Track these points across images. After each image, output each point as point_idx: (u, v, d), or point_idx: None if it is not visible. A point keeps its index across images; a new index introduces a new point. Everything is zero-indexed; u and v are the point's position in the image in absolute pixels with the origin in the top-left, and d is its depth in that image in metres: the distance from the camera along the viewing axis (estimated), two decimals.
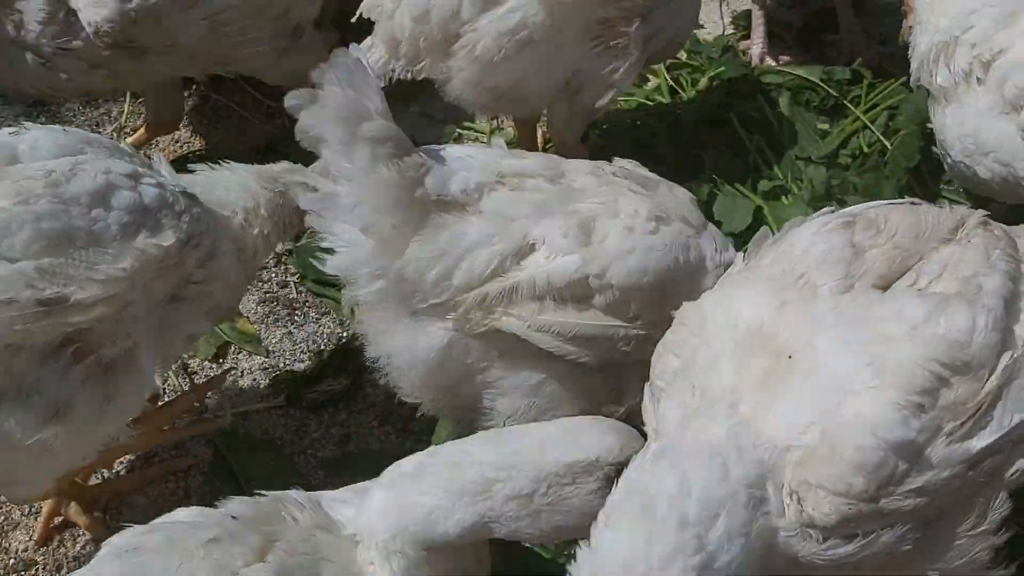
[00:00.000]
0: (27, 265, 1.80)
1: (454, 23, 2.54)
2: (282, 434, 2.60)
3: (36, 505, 2.40)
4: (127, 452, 2.47)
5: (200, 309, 2.12)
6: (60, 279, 1.82)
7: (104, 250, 1.89)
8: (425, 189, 1.93)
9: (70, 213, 1.87)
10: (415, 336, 2.03)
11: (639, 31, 2.60)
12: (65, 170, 1.92)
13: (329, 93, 1.88)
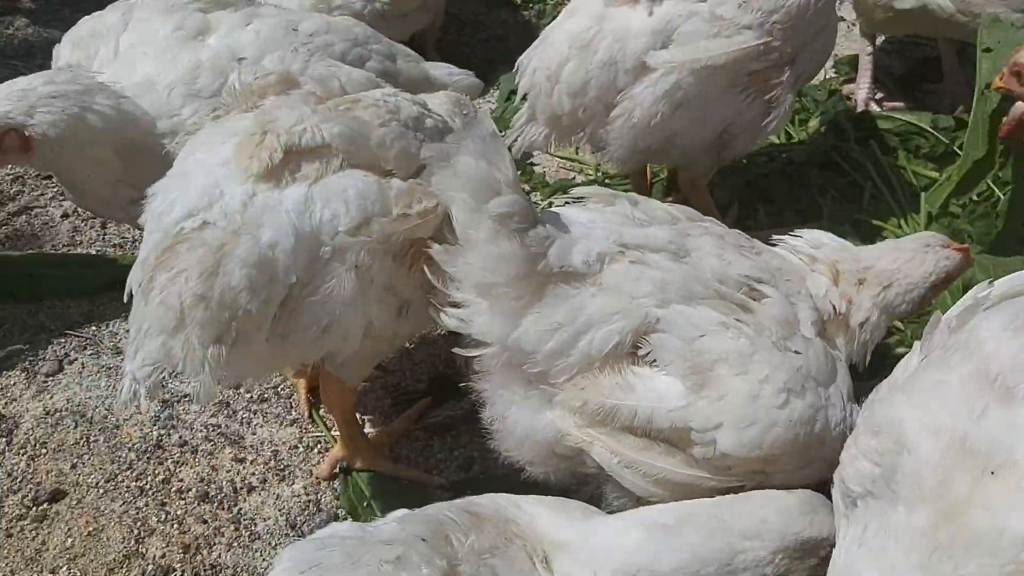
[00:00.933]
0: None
1: (611, 93, 2.64)
2: (408, 454, 2.65)
3: (172, 512, 2.46)
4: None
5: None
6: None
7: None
8: (548, 262, 1.95)
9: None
10: (534, 414, 2.05)
11: (790, 77, 2.65)
12: None
13: (464, 163, 1.94)
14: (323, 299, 2.00)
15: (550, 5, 4.46)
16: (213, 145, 2.10)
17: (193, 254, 1.91)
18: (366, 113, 2.11)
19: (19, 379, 2.79)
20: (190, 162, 2.09)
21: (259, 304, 1.93)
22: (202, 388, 1.92)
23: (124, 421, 2.69)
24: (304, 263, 1.97)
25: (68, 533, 2.43)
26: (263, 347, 1.99)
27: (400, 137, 2.10)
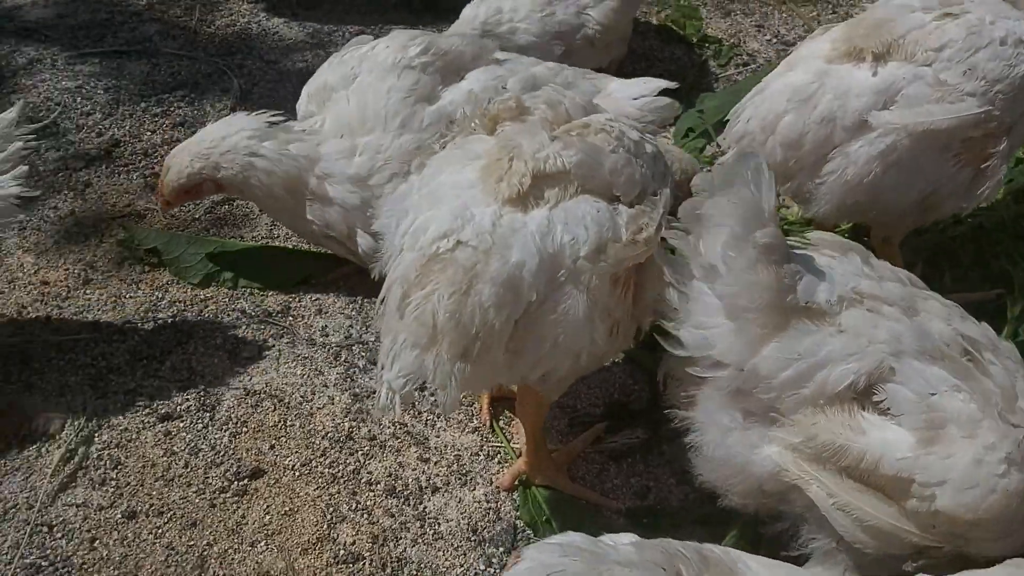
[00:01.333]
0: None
1: (825, 148, 2.70)
2: (584, 475, 2.72)
3: (362, 503, 2.59)
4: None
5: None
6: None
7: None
8: (796, 296, 2.05)
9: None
10: (751, 446, 2.10)
11: (1005, 147, 2.65)
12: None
13: (738, 192, 2.04)
14: (557, 318, 2.10)
15: (726, 47, 4.50)
16: (458, 167, 2.23)
17: (445, 274, 2.03)
18: (598, 139, 2.22)
19: (222, 359, 2.98)
20: (438, 183, 2.22)
21: (503, 321, 2.04)
22: (448, 400, 2.04)
23: (317, 410, 2.84)
24: (544, 283, 2.07)
25: (266, 510, 2.58)
26: (499, 362, 2.10)
27: (628, 164, 2.21)
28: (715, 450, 2.15)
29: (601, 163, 2.17)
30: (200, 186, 3.01)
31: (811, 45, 2.85)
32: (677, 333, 2.18)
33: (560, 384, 2.39)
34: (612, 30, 3.77)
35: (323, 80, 3.19)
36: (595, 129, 2.25)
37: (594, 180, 2.17)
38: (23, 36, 4.37)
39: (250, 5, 4.68)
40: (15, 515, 2.54)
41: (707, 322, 2.12)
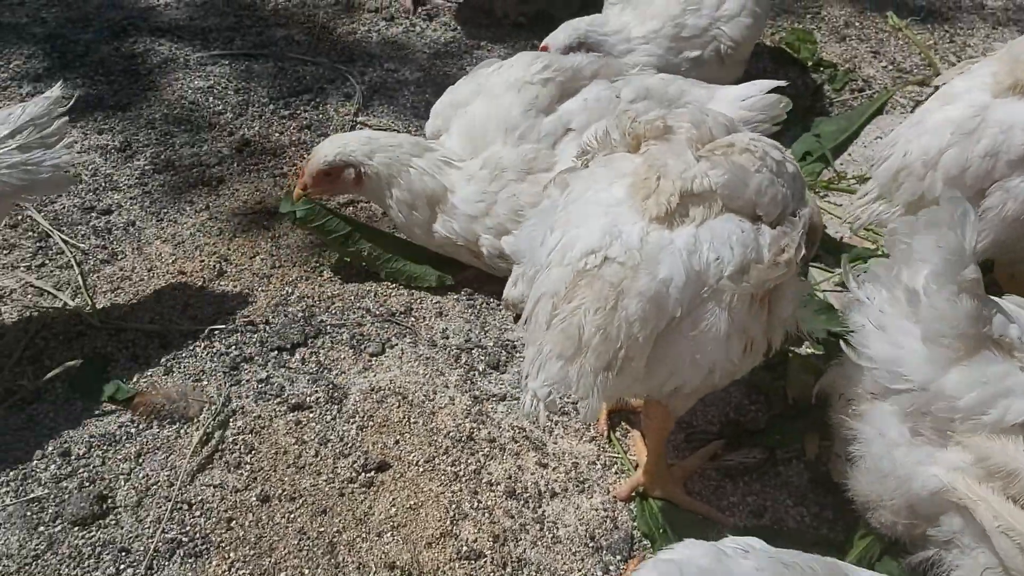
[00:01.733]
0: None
1: (985, 183, 2.72)
2: (700, 491, 2.75)
3: (483, 502, 2.66)
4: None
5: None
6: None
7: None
8: (991, 328, 2.12)
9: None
10: (917, 463, 2.15)
11: None
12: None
13: (945, 236, 2.11)
14: (698, 335, 2.15)
15: (841, 71, 4.50)
16: (606, 184, 2.29)
17: (593, 288, 2.10)
18: (743, 159, 2.26)
19: (348, 354, 3.09)
20: (586, 200, 2.28)
21: (647, 335, 2.09)
22: (588, 410, 2.10)
23: (439, 409, 2.92)
24: (688, 300, 2.12)
25: (392, 503, 2.67)
26: (639, 374, 2.16)
27: (772, 184, 2.25)
28: (878, 462, 2.21)
29: (746, 183, 2.22)
30: (342, 172, 3.16)
31: (967, 79, 2.85)
32: (864, 348, 2.25)
33: (689, 399, 2.43)
34: (744, 47, 3.81)
35: (449, 99, 3.39)
36: (739, 149, 2.28)
37: (739, 200, 2.22)
38: (157, 36, 4.58)
39: (371, 15, 4.83)
40: (157, 492, 2.67)
41: (901, 341, 2.19)
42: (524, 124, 3.16)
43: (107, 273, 3.34)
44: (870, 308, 2.25)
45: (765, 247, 2.20)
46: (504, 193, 3.12)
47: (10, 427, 2.81)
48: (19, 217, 3.54)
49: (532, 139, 3.15)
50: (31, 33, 4.54)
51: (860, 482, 2.28)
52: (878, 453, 2.21)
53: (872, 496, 2.26)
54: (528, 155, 3.13)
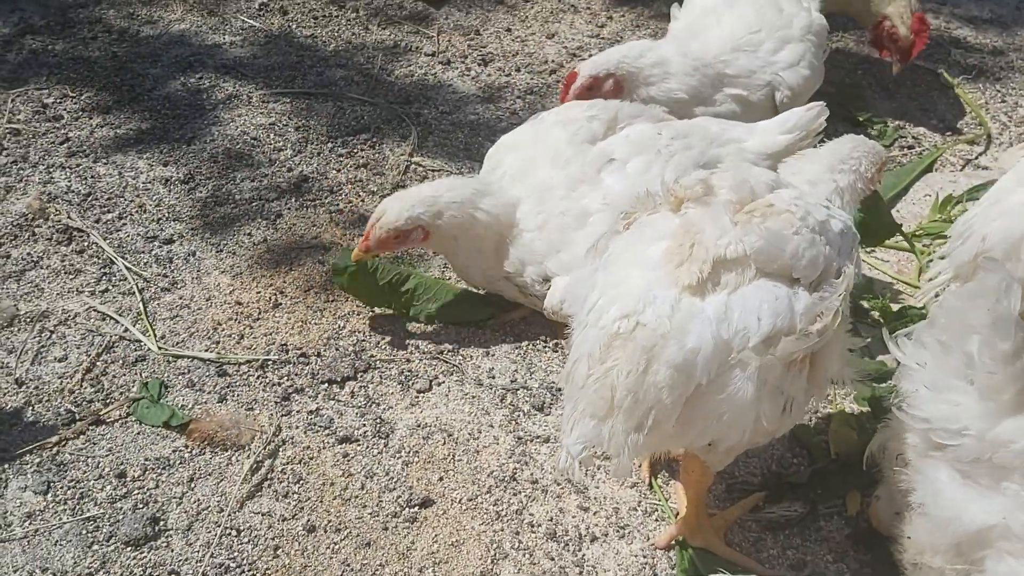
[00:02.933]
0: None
1: None
2: (740, 543, 2.76)
3: (524, 543, 2.69)
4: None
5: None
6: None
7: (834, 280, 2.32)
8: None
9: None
10: (966, 503, 2.16)
11: None
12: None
13: (997, 303, 2.11)
14: (725, 398, 2.19)
15: (890, 128, 4.53)
16: (643, 246, 2.34)
17: (625, 351, 2.16)
18: (780, 222, 2.27)
19: (396, 390, 3.16)
20: (624, 261, 2.34)
21: (675, 399, 2.15)
22: (619, 467, 2.19)
23: (483, 448, 2.97)
24: (715, 367, 2.17)
25: (435, 539, 2.71)
26: (668, 433, 2.22)
27: (811, 246, 2.27)
28: (932, 509, 2.22)
29: (782, 248, 2.24)
30: (410, 233, 3.19)
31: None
32: (918, 411, 2.26)
33: (726, 456, 2.46)
34: (801, 97, 3.86)
35: (501, 143, 3.53)
36: (779, 210, 2.29)
37: (774, 264, 2.24)
38: (222, 73, 4.75)
39: (428, 58, 4.97)
40: (207, 517, 2.74)
41: (955, 399, 2.20)
42: (570, 151, 3.31)
43: (167, 301, 3.45)
44: (922, 373, 2.27)
45: (799, 314, 2.21)
46: (554, 211, 3.22)
47: (69, 447, 2.92)
48: (85, 244, 3.68)
49: (578, 164, 3.27)
50: (103, 67, 4.73)
51: (916, 530, 2.29)
52: (932, 501, 2.23)
53: (925, 542, 2.26)
54: (575, 175, 3.25)
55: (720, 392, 2.19)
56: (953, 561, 2.23)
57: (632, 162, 3.24)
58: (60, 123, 4.35)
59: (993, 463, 2.14)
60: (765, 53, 3.83)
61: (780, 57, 3.84)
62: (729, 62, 3.80)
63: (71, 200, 3.89)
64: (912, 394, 2.28)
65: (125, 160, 4.13)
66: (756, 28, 3.85)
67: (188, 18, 5.18)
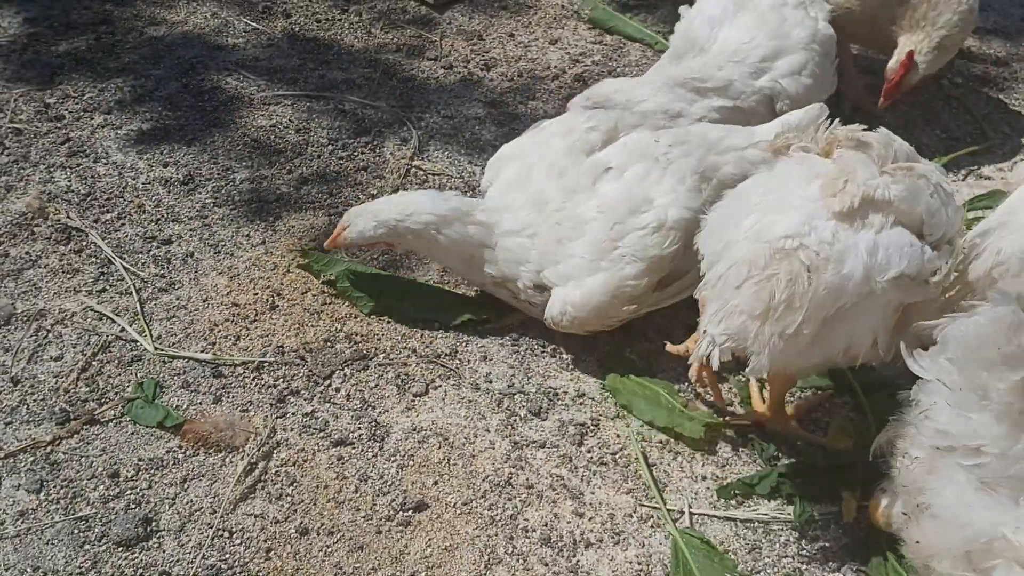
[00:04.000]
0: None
1: None
2: (737, 548, 2.74)
3: (518, 548, 2.68)
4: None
5: None
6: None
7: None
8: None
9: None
10: (981, 510, 2.15)
11: None
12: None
13: (1007, 350, 2.12)
14: (856, 320, 2.52)
15: None
16: (804, 182, 2.65)
17: (788, 265, 2.47)
18: (920, 182, 2.59)
19: (392, 393, 3.14)
20: (787, 191, 2.66)
21: (821, 314, 2.47)
22: (758, 365, 2.50)
23: (479, 452, 2.96)
24: (858, 293, 2.49)
25: (428, 543, 2.69)
26: (803, 347, 2.51)
27: (940, 209, 2.60)
28: (945, 511, 2.21)
29: (919, 202, 2.56)
30: (374, 245, 3.39)
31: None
32: (936, 423, 2.26)
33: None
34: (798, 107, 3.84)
35: (501, 152, 3.55)
36: (919, 172, 2.61)
37: (910, 216, 2.56)
38: (225, 74, 4.75)
39: (430, 62, 4.96)
40: (199, 518, 2.73)
41: (974, 416, 2.20)
42: (567, 161, 3.33)
43: (164, 301, 3.45)
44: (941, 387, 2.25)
45: (924, 265, 2.53)
46: (548, 221, 3.23)
47: (63, 446, 2.90)
48: (83, 243, 3.68)
49: (572, 175, 3.29)
50: (105, 67, 4.73)
51: (925, 533, 2.28)
52: (944, 504, 2.22)
53: (935, 545, 2.25)
54: (569, 186, 3.27)
55: (856, 318, 2.51)
56: (963, 568, 2.20)
57: (630, 170, 3.25)
58: (62, 123, 4.35)
59: (1011, 476, 2.12)
60: (755, 59, 3.82)
61: (779, 65, 3.83)
62: (706, 77, 3.78)
63: (71, 200, 3.89)
64: (932, 407, 2.28)
65: (125, 160, 4.13)
66: (751, 37, 3.84)
67: (191, 20, 5.18)
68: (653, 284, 3.16)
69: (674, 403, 3.07)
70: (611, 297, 3.11)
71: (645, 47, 5.11)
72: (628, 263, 3.11)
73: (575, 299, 3.11)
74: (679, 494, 2.88)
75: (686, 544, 2.70)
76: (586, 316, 3.12)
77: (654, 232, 3.11)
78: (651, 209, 3.14)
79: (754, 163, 3.31)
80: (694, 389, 3.17)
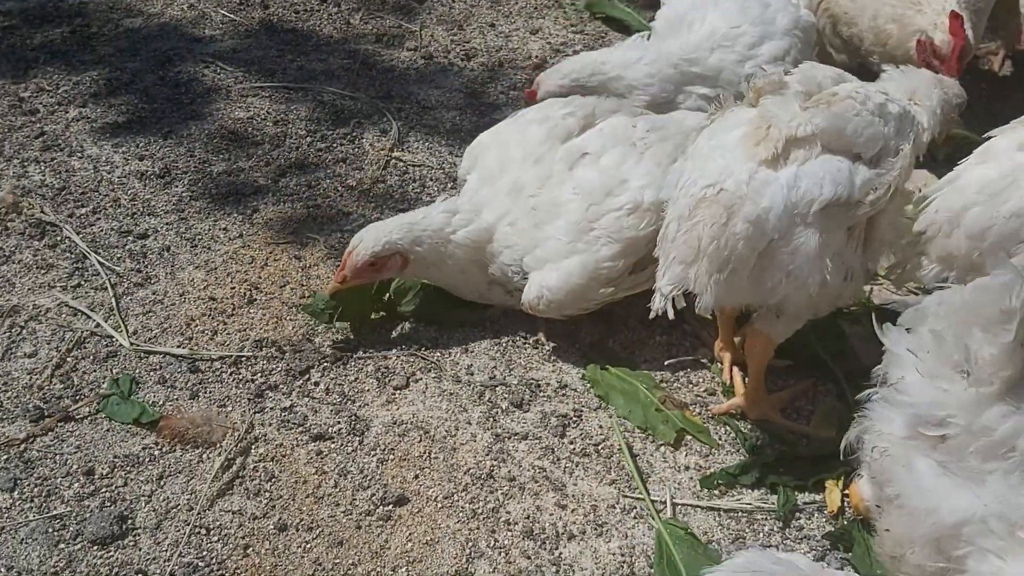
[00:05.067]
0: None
1: (1010, 243, 2.70)
2: (720, 538, 2.72)
3: (500, 541, 2.65)
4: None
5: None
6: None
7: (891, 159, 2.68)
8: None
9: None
10: (944, 495, 2.13)
11: None
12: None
13: (1007, 308, 2.09)
14: (791, 251, 2.59)
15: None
16: (725, 132, 2.73)
17: (710, 210, 2.57)
18: (843, 106, 2.64)
19: (372, 387, 3.10)
20: (709, 146, 2.75)
21: (749, 250, 2.55)
22: (702, 303, 2.59)
23: (460, 445, 2.92)
24: (784, 225, 2.57)
25: (409, 538, 2.66)
26: (743, 282, 2.61)
27: (869, 125, 2.64)
28: (910, 500, 2.19)
29: (844, 127, 2.62)
30: (388, 260, 3.14)
31: (1008, 136, 2.84)
32: (905, 396, 2.25)
33: (785, 325, 2.82)
34: None
35: (479, 140, 3.51)
36: (842, 97, 2.66)
37: (838, 142, 2.62)
38: (202, 66, 4.69)
39: (410, 52, 4.91)
40: (176, 515, 2.69)
41: (946, 387, 2.19)
42: (544, 148, 3.32)
43: (140, 296, 3.39)
44: (912, 360, 2.24)
45: (857, 186, 2.59)
46: (525, 207, 3.22)
47: (37, 444, 2.86)
48: (58, 238, 3.62)
49: (548, 161, 3.27)
50: (80, 60, 4.66)
51: (893, 522, 2.26)
52: (909, 492, 2.20)
53: (903, 534, 2.23)
54: (546, 172, 3.26)
55: (788, 246, 2.58)
56: (933, 559, 2.19)
57: (607, 155, 3.23)
58: (36, 117, 4.28)
59: (975, 452, 2.11)
60: (742, 47, 3.79)
61: (763, 51, 3.80)
62: (695, 60, 3.75)
63: (45, 194, 3.83)
64: (900, 381, 2.27)
65: (101, 154, 4.07)
66: (737, 24, 3.81)
67: (168, 12, 5.12)
68: (629, 266, 3.14)
69: (652, 398, 3.04)
70: (588, 279, 3.08)
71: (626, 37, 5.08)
72: (604, 244, 3.09)
73: (551, 282, 3.09)
74: (662, 484, 2.85)
75: (670, 535, 2.68)
76: (563, 299, 3.10)
77: (630, 213, 3.09)
78: (627, 191, 3.12)
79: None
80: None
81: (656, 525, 2.71)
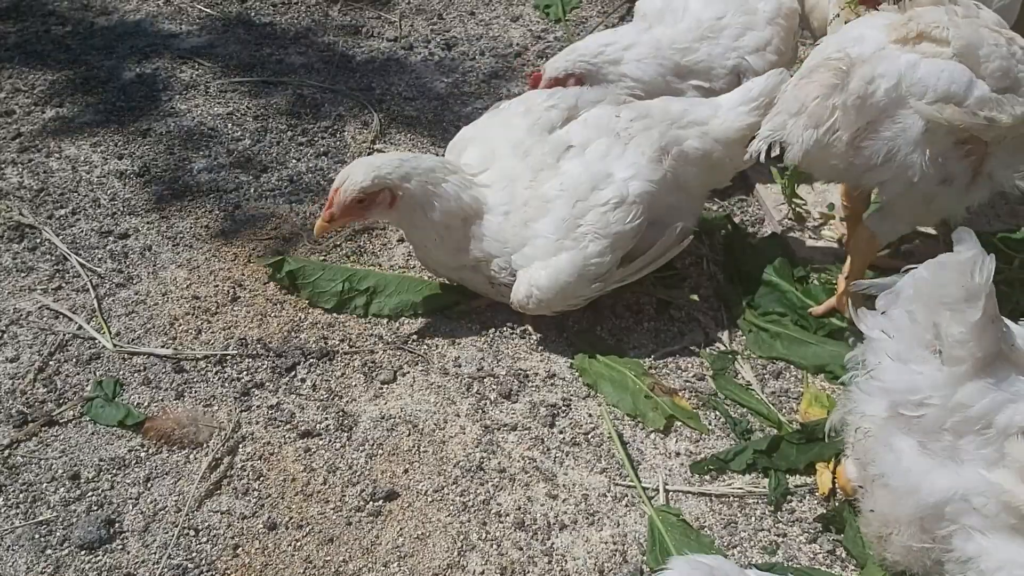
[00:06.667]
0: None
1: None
2: (712, 523, 2.71)
3: (491, 533, 2.64)
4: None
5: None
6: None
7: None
8: (1008, 345, 2.13)
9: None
10: (924, 473, 2.15)
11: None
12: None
13: (965, 274, 2.11)
14: (893, 133, 2.77)
15: None
16: (870, 21, 2.96)
17: (827, 72, 2.80)
18: (989, 34, 2.78)
19: (359, 382, 3.08)
20: (855, 31, 2.93)
21: (854, 114, 2.75)
22: (792, 152, 2.85)
23: (449, 438, 2.91)
24: (892, 102, 2.76)
25: (400, 532, 2.64)
26: (840, 151, 2.81)
27: (1003, 58, 2.75)
28: (892, 480, 2.21)
29: (977, 46, 2.74)
30: (376, 197, 3.02)
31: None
32: (881, 381, 2.26)
33: (891, 224, 3.04)
34: None
35: (461, 134, 3.48)
36: (994, 28, 2.80)
37: (968, 57, 2.74)
38: (179, 63, 4.64)
39: (390, 43, 4.87)
40: (164, 517, 2.66)
41: (919, 368, 2.20)
42: (530, 140, 3.28)
43: (122, 297, 3.36)
44: (887, 344, 2.25)
45: (974, 95, 2.71)
46: (518, 200, 3.17)
47: (21, 449, 2.82)
48: (37, 240, 3.58)
49: (537, 153, 3.23)
50: (55, 59, 4.61)
51: (878, 502, 2.27)
52: (892, 472, 2.21)
53: (888, 514, 2.24)
54: (535, 165, 3.22)
55: (892, 121, 2.76)
56: (919, 538, 2.20)
57: (591, 147, 3.20)
58: (12, 118, 4.23)
59: (949, 429, 2.13)
60: (728, 39, 3.76)
61: (745, 42, 3.77)
62: (687, 50, 3.72)
63: (23, 196, 3.79)
64: (877, 366, 2.27)
65: (79, 154, 4.02)
66: (721, 14, 3.78)
67: (143, 8, 5.06)
68: (618, 260, 3.12)
69: (641, 385, 3.03)
70: (577, 277, 3.06)
71: (608, 24, 5.05)
72: (591, 241, 3.06)
73: (540, 281, 3.06)
74: (653, 471, 2.84)
75: (662, 522, 2.67)
76: (552, 298, 3.07)
77: (615, 208, 3.06)
78: (611, 184, 3.09)
79: (718, 139, 3.27)
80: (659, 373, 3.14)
81: (648, 512, 2.70)
